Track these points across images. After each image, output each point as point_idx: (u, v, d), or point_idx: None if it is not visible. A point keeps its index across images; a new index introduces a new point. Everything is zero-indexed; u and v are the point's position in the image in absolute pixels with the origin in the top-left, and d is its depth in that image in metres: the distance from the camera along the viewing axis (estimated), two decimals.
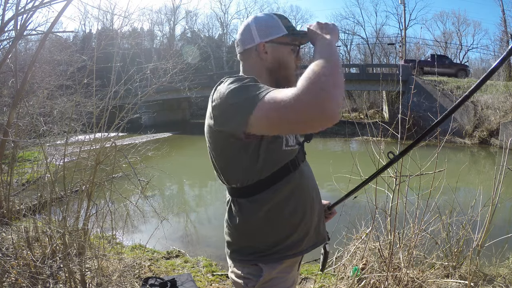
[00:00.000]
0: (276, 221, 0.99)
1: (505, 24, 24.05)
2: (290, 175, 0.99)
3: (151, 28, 36.77)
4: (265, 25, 1.01)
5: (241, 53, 1.06)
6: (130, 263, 2.91)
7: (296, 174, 1.01)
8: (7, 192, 4.01)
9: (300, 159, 1.05)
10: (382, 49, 32.83)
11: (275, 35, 1.01)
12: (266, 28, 1.01)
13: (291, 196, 0.99)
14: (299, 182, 1.01)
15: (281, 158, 0.98)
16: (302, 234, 1.03)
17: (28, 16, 3.77)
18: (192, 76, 5.14)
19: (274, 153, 0.96)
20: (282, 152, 0.97)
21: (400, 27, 30.50)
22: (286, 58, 1.03)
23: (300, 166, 1.03)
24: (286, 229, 1.00)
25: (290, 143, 0.99)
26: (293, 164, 1.00)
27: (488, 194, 2.58)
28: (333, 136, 18.13)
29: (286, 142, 0.98)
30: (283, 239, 1.00)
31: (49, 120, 4.25)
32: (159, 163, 4.54)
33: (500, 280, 2.50)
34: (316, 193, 1.10)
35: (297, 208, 1.01)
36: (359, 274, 2.47)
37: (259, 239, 1.00)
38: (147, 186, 3.31)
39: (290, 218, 1.00)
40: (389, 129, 2.57)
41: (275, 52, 1.02)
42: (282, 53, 1.03)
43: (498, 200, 2.44)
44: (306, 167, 1.10)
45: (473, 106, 14.54)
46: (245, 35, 1.03)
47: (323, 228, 1.14)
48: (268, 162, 0.95)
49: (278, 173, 0.97)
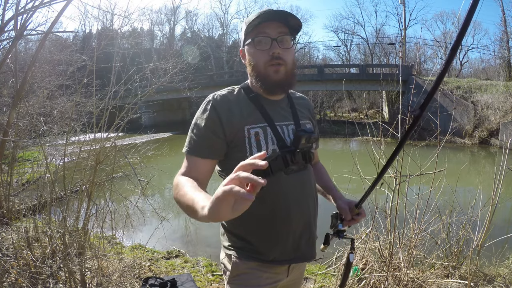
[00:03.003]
0: (245, 221, 0.98)
1: (505, 24, 24.04)
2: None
3: (151, 28, 36.79)
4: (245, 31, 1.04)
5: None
6: (130, 263, 2.91)
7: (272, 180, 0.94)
8: (7, 192, 4.01)
9: (277, 166, 0.99)
10: (382, 49, 32.80)
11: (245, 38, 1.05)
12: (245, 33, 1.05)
13: (261, 203, 0.94)
14: (271, 191, 0.96)
15: None
16: (270, 243, 1.02)
17: (28, 16, 3.77)
18: (192, 76, 5.15)
19: (238, 161, 0.92)
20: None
21: (400, 27, 30.49)
22: (252, 56, 1.04)
23: (276, 174, 0.99)
24: (254, 233, 1.03)
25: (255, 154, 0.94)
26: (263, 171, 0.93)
27: (488, 194, 2.57)
28: (333, 136, 18.14)
29: (250, 153, 0.98)
30: (250, 241, 1.04)
31: (49, 120, 4.25)
32: (159, 163, 4.54)
33: (500, 280, 2.50)
34: (306, 207, 1.05)
35: (266, 215, 1.00)
36: (359, 274, 2.46)
37: (234, 232, 1.07)
38: (147, 186, 3.31)
39: (257, 223, 1.01)
40: (389, 129, 2.57)
41: (247, 54, 1.06)
42: (249, 53, 1.05)
43: (498, 200, 2.44)
44: (298, 176, 1.04)
45: (473, 106, 14.54)
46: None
47: (307, 245, 1.07)
48: (231, 168, 0.92)
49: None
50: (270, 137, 1.01)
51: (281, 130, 1.04)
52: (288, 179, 1.02)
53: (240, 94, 1.07)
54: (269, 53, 1.00)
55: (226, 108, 1.01)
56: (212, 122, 0.99)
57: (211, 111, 1.00)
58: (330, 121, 23.60)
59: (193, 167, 1.00)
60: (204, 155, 1.00)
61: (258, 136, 1.00)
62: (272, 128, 1.03)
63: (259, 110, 1.04)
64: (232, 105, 1.02)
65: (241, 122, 1.00)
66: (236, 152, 1.00)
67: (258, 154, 0.66)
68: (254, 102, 1.05)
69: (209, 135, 1.00)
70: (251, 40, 1.02)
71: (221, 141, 1.00)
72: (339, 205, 1.14)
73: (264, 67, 1.01)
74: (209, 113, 1.00)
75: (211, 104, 1.02)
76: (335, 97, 27.48)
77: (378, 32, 33.36)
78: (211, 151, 1.01)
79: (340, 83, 18.86)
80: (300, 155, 1.04)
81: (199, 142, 1.01)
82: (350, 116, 19.93)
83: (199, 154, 1.00)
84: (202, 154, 1.00)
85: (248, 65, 1.06)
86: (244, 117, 1.01)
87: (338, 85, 19.74)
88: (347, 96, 24.53)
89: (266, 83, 1.02)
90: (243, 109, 1.02)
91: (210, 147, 1.00)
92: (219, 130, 0.99)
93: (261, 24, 0.99)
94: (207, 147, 1.00)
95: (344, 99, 23.92)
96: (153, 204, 3.63)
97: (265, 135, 1.01)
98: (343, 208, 1.12)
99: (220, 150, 1.02)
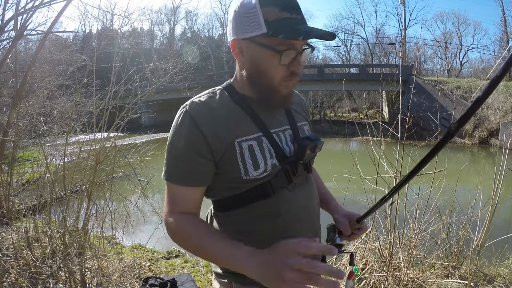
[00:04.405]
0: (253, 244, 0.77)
1: (505, 24, 24.07)
2: (255, 203, 0.83)
3: (151, 28, 36.81)
4: (245, 16, 0.76)
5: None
6: (130, 263, 2.91)
7: (268, 201, 0.83)
8: (7, 192, 4.01)
9: (279, 183, 0.83)
10: (382, 49, 32.82)
11: (255, 31, 0.76)
12: (245, 19, 0.76)
13: (258, 223, 0.84)
14: (272, 211, 0.83)
15: (242, 186, 0.82)
16: None
17: (28, 16, 3.78)
18: (192, 76, 5.14)
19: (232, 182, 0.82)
20: (243, 181, 0.81)
21: (400, 27, 30.53)
22: (266, 64, 0.78)
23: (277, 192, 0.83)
24: None
25: (251, 173, 0.80)
26: (263, 190, 0.82)
27: (488, 194, 2.57)
28: (333, 136, 18.15)
29: (245, 173, 0.80)
30: None
31: (49, 120, 4.25)
32: (159, 163, 4.53)
33: (500, 280, 2.50)
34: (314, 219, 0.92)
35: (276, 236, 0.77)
36: (359, 274, 2.46)
37: None
38: (147, 186, 3.31)
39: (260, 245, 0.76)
40: (389, 129, 2.57)
41: (252, 54, 0.80)
42: (262, 56, 0.78)
43: (498, 200, 2.44)
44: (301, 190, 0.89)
45: None
46: (228, 32, 0.83)
47: None
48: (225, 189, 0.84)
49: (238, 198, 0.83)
50: (267, 149, 0.82)
51: (278, 139, 0.85)
52: (293, 195, 0.86)
53: (223, 98, 0.84)
54: (289, 68, 0.79)
55: (209, 119, 0.79)
56: (194, 140, 0.78)
57: (190, 125, 0.78)
58: (330, 121, 23.63)
59: (181, 199, 0.82)
60: (190, 183, 0.80)
61: (253, 150, 0.81)
62: (268, 138, 0.83)
63: (250, 116, 0.83)
64: (216, 114, 0.80)
65: (229, 135, 0.79)
66: (228, 172, 0.81)
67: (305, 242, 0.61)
68: (242, 106, 0.83)
69: (192, 157, 0.78)
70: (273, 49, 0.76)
71: (209, 163, 0.79)
72: (337, 218, 0.98)
73: (279, 83, 0.80)
74: (188, 128, 0.78)
75: (189, 116, 0.79)
76: (335, 97, 27.50)
77: (378, 32, 33.40)
78: (198, 177, 0.80)
79: (340, 83, 18.87)
80: (302, 166, 0.87)
81: (180, 167, 0.80)
82: (350, 116, 19.94)
83: (183, 182, 0.80)
84: (187, 181, 0.80)
85: (248, 65, 0.81)
86: (233, 128, 0.80)
87: (338, 85, 19.76)
88: (347, 96, 24.54)
89: (273, 99, 0.83)
90: (230, 118, 0.81)
91: (197, 173, 0.80)
92: (204, 149, 0.78)
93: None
94: (193, 172, 0.79)
95: (344, 99, 23.93)
96: (153, 204, 3.63)
97: (261, 148, 0.81)
98: (341, 222, 0.96)
99: (209, 174, 0.81)
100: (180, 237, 0.81)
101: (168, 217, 0.81)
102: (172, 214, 0.81)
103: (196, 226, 0.79)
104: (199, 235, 0.77)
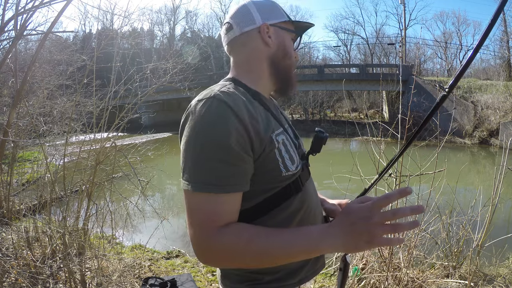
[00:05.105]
0: None
1: (505, 24, 24.05)
2: (291, 199, 0.80)
3: (151, 28, 36.83)
4: (267, 6, 0.85)
5: (235, 39, 0.84)
6: (130, 263, 2.91)
7: (298, 196, 0.82)
8: (7, 192, 4.01)
9: (305, 178, 0.85)
10: (382, 49, 32.83)
11: (279, 18, 0.85)
12: (269, 9, 0.85)
13: (292, 221, 0.81)
14: (301, 206, 0.82)
15: (280, 184, 0.78)
16: (302, 261, 0.85)
17: (28, 16, 3.78)
18: (192, 76, 5.15)
19: (272, 180, 0.77)
20: (281, 178, 0.78)
21: (400, 27, 30.55)
22: (290, 47, 0.87)
23: (304, 186, 0.84)
24: None
25: (291, 168, 0.78)
26: (295, 186, 0.81)
27: (488, 194, 2.57)
28: (333, 136, 18.14)
29: (285, 169, 0.77)
30: (280, 268, 0.82)
31: (49, 120, 4.25)
32: (159, 163, 4.54)
33: (500, 280, 2.50)
34: (318, 213, 0.92)
35: None
36: (359, 274, 2.46)
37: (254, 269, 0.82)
38: (147, 186, 3.32)
39: None
40: (389, 129, 2.57)
41: (280, 38, 0.85)
42: (287, 40, 0.87)
43: (498, 200, 2.44)
44: (311, 184, 0.90)
45: (473, 106, 14.55)
46: (241, 16, 0.83)
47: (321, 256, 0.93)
48: (262, 191, 0.77)
49: (276, 198, 0.79)
50: (292, 144, 0.82)
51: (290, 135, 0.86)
52: (309, 188, 0.86)
53: (243, 92, 0.79)
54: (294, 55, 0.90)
55: (246, 111, 0.71)
56: (238, 135, 0.68)
57: (231, 117, 0.69)
58: (330, 121, 23.63)
59: (226, 210, 0.69)
60: (238, 187, 0.70)
61: (285, 145, 0.78)
62: (287, 133, 0.83)
63: (269, 112, 0.81)
64: (249, 107, 0.73)
65: (267, 130, 0.74)
66: (266, 172, 0.74)
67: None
68: (260, 102, 0.81)
69: (239, 156, 0.69)
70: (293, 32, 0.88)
71: (252, 162, 0.72)
72: (328, 208, 0.98)
73: (293, 66, 0.89)
74: (230, 121, 0.68)
75: (227, 107, 0.69)
76: (335, 97, 27.50)
77: (378, 32, 33.42)
78: (246, 178, 0.72)
79: (340, 83, 18.87)
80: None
81: (225, 171, 0.68)
82: (350, 116, 19.94)
83: (232, 188, 0.69)
84: (235, 187, 0.69)
85: (275, 48, 0.84)
86: (266, 122, 0.76)
87: (338, 85, 19.76)
88: (347, 96, 24.55)
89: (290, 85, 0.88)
90: (260, 111, 0.77)
91: (245, 174, 0.71)
92: (248, 147, 0.70)
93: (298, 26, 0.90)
94: (241, 174, 0.70)
95: (344, 99, 23.93)
96: (153, 204, 3.64)
97: (289, 143, 0.81)
98: (333, 210, 0.97)
99: (250, 176, 0.73)
100: (236, 251, 0.68)
101: (210, 237, 0.67)
102: (214, 231, 0.67)
103: (251, 229, 0.70)
104: (261, 236, 0.68)
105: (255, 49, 0.83)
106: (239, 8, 0.84)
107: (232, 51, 0.87)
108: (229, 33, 0.85)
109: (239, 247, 0.67)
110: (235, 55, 0.87)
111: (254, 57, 0.84)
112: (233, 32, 0.84)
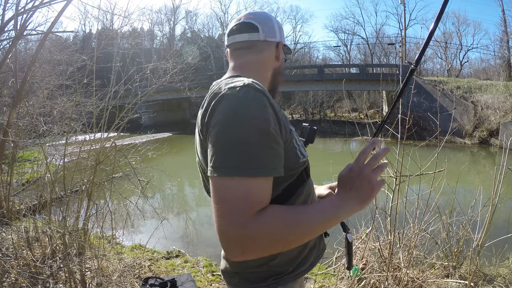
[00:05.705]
0: None
1: (505, 24, 24.08)
2: (303, 185, 0.87)
3: (151, 28, 36.82)
4: (281, 28, 1.02)
5: (257, 42, 0.93)
6: (130, 263, 2.91)
7: (307, 183, 0.89)
8: (7, 192, 4.01)
9: (309, 167, 0.93)
10: (382, 49, 32.83)
11: (284, 41, 1.02)
12: (282, 31, 1.02)
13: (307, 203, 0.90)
14: (308, 192, 0.90)
15: (297, 170, 0.84)
16: (310, 246, 0.92)
17: (28, 16, 3.78)
18: (192, 76, 5.14)
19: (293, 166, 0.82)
20: (299, 164, 0.84)
21: (400, 27, 30.54)
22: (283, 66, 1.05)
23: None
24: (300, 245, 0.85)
25: (305, 154, 0.88)
26: (306, 172, 0.89)
27: (488, 194, 2.58)
28: (333, 136, 18.16)
29: (302, 155, 0.84)
30: (296, 256, 0.87)
31: (49, 120, 4.25)
32: (159, 163, 4.54)
33: (500, 280, 2.50)
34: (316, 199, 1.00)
35: None
36: (359, 274, 2.46)
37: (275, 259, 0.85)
38: (147, 186, 3.32)
39: None
40: (389, 129, 2.57)
41: (282, 57, 1.02)
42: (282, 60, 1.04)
43: (498, 200, 2.44)
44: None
45: (473, 106, 14.55)
46: (268, 27, 0.95)
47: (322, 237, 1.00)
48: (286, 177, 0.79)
49: (293, 185, 0.84)
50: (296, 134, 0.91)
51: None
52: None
53: None
54: None
55: (274, 101, 0.77)
56: (275, 124, 0.73)
57: (270, 107, 0.73)
58: (330, 121, 23.64)
59: (262, 194, 0.69)
60: (275, 171, 0.72)
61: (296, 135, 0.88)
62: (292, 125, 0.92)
63: None
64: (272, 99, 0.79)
65: (286, 120, 0.81)
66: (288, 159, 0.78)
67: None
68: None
69: (276, 140, 0.72)
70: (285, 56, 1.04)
71: (283, 148, 0.76)
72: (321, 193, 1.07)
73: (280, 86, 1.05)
74: (269, 110, 0.72)
75: (263, 93, 0.73)
76: (335, 97, 27.50)
77: (378, 32, 33.42)
78: (281, 162, 0.74)
79: (340, 83, 18.87)
80: None
81: (272, 154, 0.71)
82: (350, 116, 19.95)
83: (271, 172, 0.70)
84: (274, 171, 0.71)
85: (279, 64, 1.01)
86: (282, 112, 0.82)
87: (338, 85, 19.75)
88: (347, 96, 24.55)
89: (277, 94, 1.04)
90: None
91: (280, 158, 0.74)
92: (280, 133, 0.74)
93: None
94: (278, 158, 0.73)
95: (344, 99, 23.93)
96: (153, 204, 3.64)
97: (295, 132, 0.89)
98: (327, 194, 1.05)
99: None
100: (281, 232, 0.68)
101: (247, 224, 0.66)
102: (252, 217, 0.66)
103: (281, 208, 0.72)
104: (291, 214, 0.71)
105: (268, 58, 0.96)
106: (267, 18, 0.96)
107: (245, 49, 0.94)
108: (252, 33, 0.93)
109: (282, 228, 0.68)
110: (246, 54, 0.94)
111: (265, 64, 0.97)
112: (258, 35, 0.93)
